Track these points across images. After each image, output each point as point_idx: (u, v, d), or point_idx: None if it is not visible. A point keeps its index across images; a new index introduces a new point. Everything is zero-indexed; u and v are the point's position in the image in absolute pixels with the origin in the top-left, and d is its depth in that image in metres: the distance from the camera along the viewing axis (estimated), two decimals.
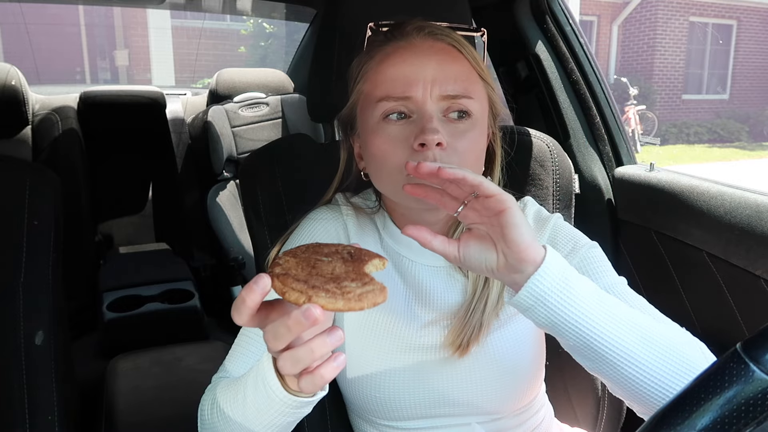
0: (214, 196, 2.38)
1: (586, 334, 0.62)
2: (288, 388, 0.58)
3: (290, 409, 0.60)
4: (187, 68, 9.43)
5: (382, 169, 0.75)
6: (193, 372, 1.64)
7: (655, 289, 1.32)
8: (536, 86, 1.46)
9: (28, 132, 2.29)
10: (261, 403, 0.61)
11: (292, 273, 0.49)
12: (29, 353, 0.86)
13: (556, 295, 0.60)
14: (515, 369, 0.79)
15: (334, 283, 0.48)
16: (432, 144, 0.69)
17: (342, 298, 0.47)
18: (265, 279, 0.48)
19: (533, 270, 0.60)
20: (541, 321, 0.63)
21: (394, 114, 0.73)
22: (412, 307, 0.81)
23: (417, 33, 0.76)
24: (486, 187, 0.59)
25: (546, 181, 1.04)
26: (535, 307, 0.61)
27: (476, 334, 0.76)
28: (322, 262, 0.52)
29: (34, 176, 0.92)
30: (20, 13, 6.99)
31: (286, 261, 0.51)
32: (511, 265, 0.61)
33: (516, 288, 0.62)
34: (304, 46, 2.76)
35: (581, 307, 0.61)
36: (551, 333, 0.64)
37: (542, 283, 0.60)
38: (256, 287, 0.48)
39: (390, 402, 0.79)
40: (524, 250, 0.59)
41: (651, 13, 11.69)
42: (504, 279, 0.63)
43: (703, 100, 12.52)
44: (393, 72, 0.74)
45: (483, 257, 0.62)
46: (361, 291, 0.48)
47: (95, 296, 2.07)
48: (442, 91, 0.72)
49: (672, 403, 0.43)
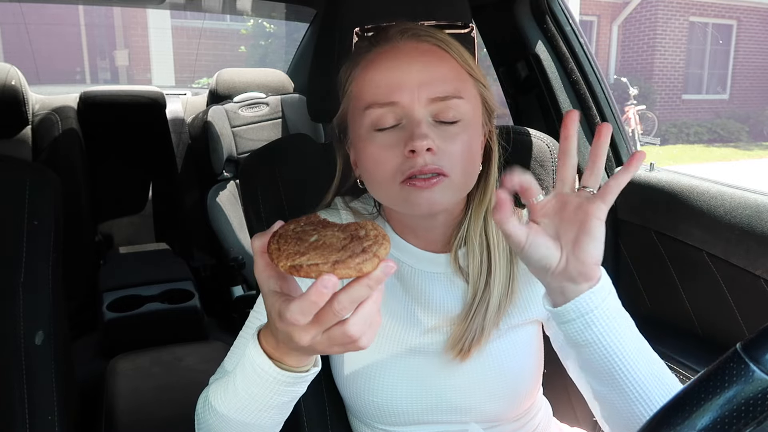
0: (214, 196, 2.38)
1: (613, 360, 0.63)
2: (282, 365, 0.58)
3: (284, 387, 0.60)
4: (187, 68, 9.43)
5: (375, 177, 0.74)
6: (193, 372, 1.64)
7: (655, 289, 1.32)
8: (536, 86, 1.46)
9: (28, 132, 2.29)
10: (252, 387, 0.61)
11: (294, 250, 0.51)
12: (29, 353, 0.86)
13: (600, 317, 0.61)
14: (515, 378, 0.79)
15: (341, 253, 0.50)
16: (422, 150, 0.68)
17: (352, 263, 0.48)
18: (332, 279, 0.48)
19: (587, 287, 0.61)
20: (575, 336, 0.64)
21: (382, 123, 0.72)
22: (412, 313, 0.80)
23: (400, 36, 0.74)
24: (611, 188, 0.60)
25: (546, 181, 1.04)
26: (576, 321, 0.62)
27: (478, 338, 0.76)
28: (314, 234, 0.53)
29: (34, 176, 0.92)
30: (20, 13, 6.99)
31: (284, 241, 0.52)
32: (568, 273, 0.61)
33: (559, 297, 0.63)
34: (304, 46, 2.76)
35: (618, 334, 0.62)
36: (578, 349, 0.65)
37: (593, 302, 0.61)
38: (327, 291, 0.48)
39: (389, 407, 0.78)
40: (589, 264, 0.60)
41: (651, 13, 11.68)
42: (552, 283, 0.63)
43: (703, 100, 12.52)
44: (378, 78, 0.72)
45: (547, 254, 0.62)
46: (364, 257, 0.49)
47: (95, 296, 2.07)
48: (430, 93, 0.71)
49: (672, 403, 0.43)
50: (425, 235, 0.81)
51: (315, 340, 0.52)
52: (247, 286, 2.25)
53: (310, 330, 0.51)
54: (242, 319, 0.82)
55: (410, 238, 0.82)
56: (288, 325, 0.51)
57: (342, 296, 0.49)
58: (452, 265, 0.81)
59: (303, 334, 0.52)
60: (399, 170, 0.71)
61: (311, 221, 0.55)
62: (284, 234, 0.53)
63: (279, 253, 0.51)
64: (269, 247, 0.52)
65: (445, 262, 0.81)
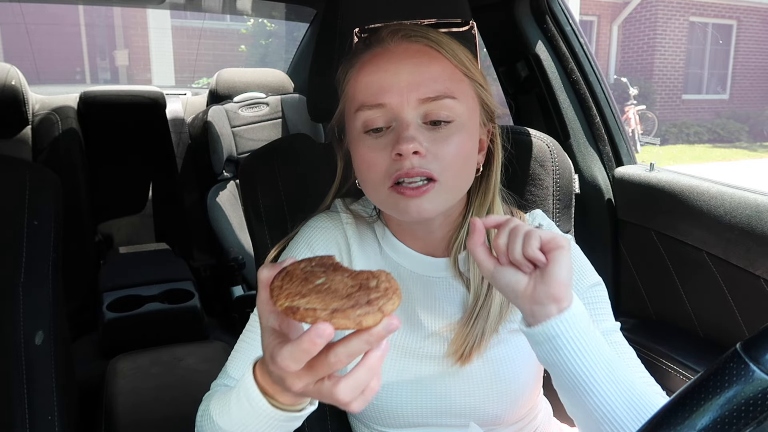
0: (214, 196, 2.38)
1: (581, 383, 0.63)
2: (276, 403, 0.57)
3: (278, 422, 0.59)
4: (187, 68, 9.43)
5: (366, 180, 0.74)
6: (192, 372, 1.64)
7: (655, 289, 1.32)
8: (536, 86, 1.46)
9: (28, 132, 2.29)
10: (246, 417, 0.60)
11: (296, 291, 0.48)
12: (29, 353, 0.86)
13: (568, 343, 0.62)
14: (516, 382, 0.79)
15: (346, 300, 0.47)
16: (408, 153, 0.68)
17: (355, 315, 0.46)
18: (328, 328, 0.45)
19: (555, 310, 0.61)
20: (544, 357, 0.64)
21: (372, 125, 0.71)
22: (412, 317, 0.80)
23: (391, 37, 0.73)
24: (543, 236, 0.61)
25: (546, 181, 1.04)
26: (545, 344, 0.63)
27: (478, 344, 0.76)
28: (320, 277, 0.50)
29: (34, 176, 0.92)
30: (20, 13, 6.99)
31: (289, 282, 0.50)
32: (536, 297, 0.62)
33: (530, 318, 0.63)
34: (304, 45, 2.76)
35: (587, 359, 0.62)
36: (548, 369, 0.66)
37: (559, 328, 0.61)
38: (320, 340, 0.46)
39: (389, 410, 0.78)
40: (556, 287, 0.60)
41: (651, 13, 11.68)
42: (522, 306, 0.64)
43: (703, 100, 12.52)
44: (368, 80, 0.72)
45: (514, 279, 0.63)
46: (365, 310, 0.46)
47: (95, 296, 2.07)
48: (420, 94, 0.70)
49: (672, 403, 0.43)
50: (424, 239, 0.81)
51: (307, 388, 0.50)
52: (247, 286, 2.25)
53: (303, 377, 0.49)
54: (242, 319, 0.82)
55: (409, 241, 0.82)
56: (279, 369, 0.49)
57: (339, 348, 0.47)
58: (452, 270, 0.80)
59: (295, 381, 0.50)
60: (387, 174, 0.70)
61: (323, 262, 0.52)
62: (292, 271, 0.50)
63: (280, 291, 0.48)
64: (273, 283, 0.50)
65: (444, 266, 0.81)
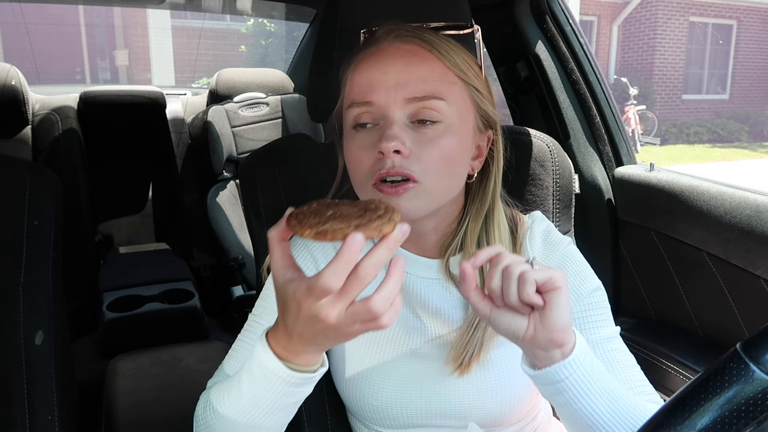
0: (214, 196, 2.38)
1: (585, 420, 0.63)
2: (291, 365, 0.58)
3: (291, 388, 0.60)
4: (187, 68, 9.43)
5: (354, 176, 0.75)
6: (192, 372, 1.64)
7: (655, 289, 1.32)
8: (536, 86, 1.46)
9: (28, 132, 2.29)
10: (259, 389, 0.61)
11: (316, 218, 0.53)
12: (29, 353, 0.86)
13: (573, 386, 0.62)
14: (515, 385, 0.78)
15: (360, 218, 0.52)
16: (388, 152, 0.68)
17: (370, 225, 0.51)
18: (360, 236, 0.50)
19: (560, 356, 0.61)
20: (548, 396, 0.64)
21: (359, 121, 0.72)
22: (409, 317, 0.80)
23: (385, 37, 0.74)
24: (538, 278, 0.59)
25: (546, 181, 1.04)
26: (549, 386, 0.63)
27: (477, 353, 0.76)
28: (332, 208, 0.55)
29: (34, 176, 0.92)
30: (20, 13, 6.99)
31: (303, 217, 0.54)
32: (538, 342, 0.61)
33: (534, 360, 0.63)
34: (304, 45, 2.76)
35: (591, 398, 0.62)
36: (552, 404, 0.66)
37: (564, 373, 0.61)
38: (357, 247, 0.50)
39: (387, 410, 0.78)
40: (557, 332, 0.60)
41: (651, 13, 11.68)
42: (525, 349, 0.63)
43: (703, 100, 12.52)
44: (359, 78, 0.73)
45: (513, 324, 0.61)
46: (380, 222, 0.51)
47: (95, 296, 2.07)
48: (407, 93, 0.70)
49: (672, 403, 0.43)
50: (418, 240, 0.81)
51: (340, 316, 0.52)
52: (247, 286, 2.25)
53: (337, 303, 0.51)
54: (242, 319, 0.82)
55: (405, 242, 0.81)
56: (318, 298, 0.51)
57: (365, 262, 0.51)
58: (443, 272, 0.80)
59: (330, 309, 0.52)
60: (371, 172, 0.71)
61: (323, 202, 0.56)
62: (300, 213, 0.54)
63: (301, 226, 0.52)
64: (289, 223, 0.53)
65: (437, 267, 0.81)
